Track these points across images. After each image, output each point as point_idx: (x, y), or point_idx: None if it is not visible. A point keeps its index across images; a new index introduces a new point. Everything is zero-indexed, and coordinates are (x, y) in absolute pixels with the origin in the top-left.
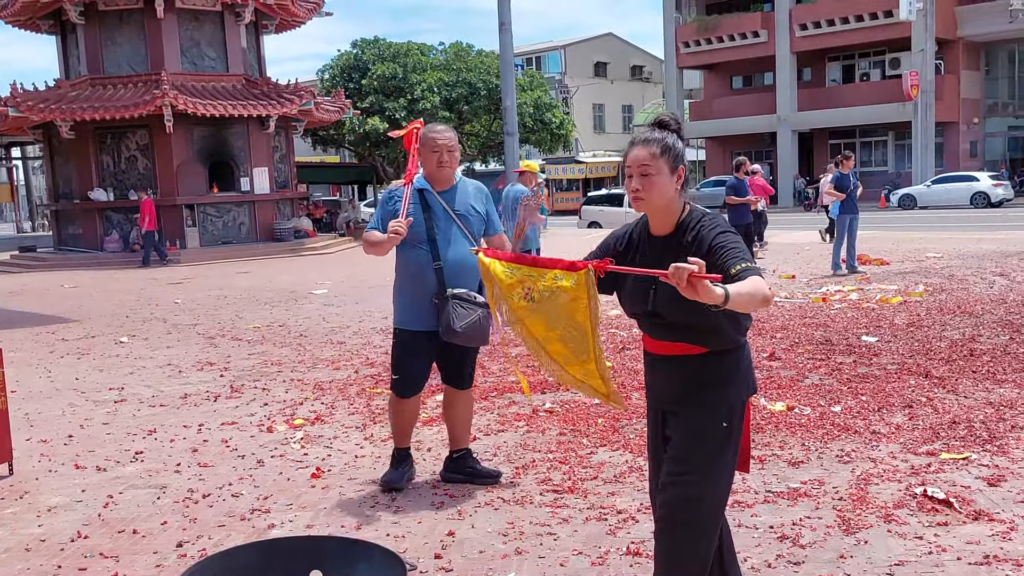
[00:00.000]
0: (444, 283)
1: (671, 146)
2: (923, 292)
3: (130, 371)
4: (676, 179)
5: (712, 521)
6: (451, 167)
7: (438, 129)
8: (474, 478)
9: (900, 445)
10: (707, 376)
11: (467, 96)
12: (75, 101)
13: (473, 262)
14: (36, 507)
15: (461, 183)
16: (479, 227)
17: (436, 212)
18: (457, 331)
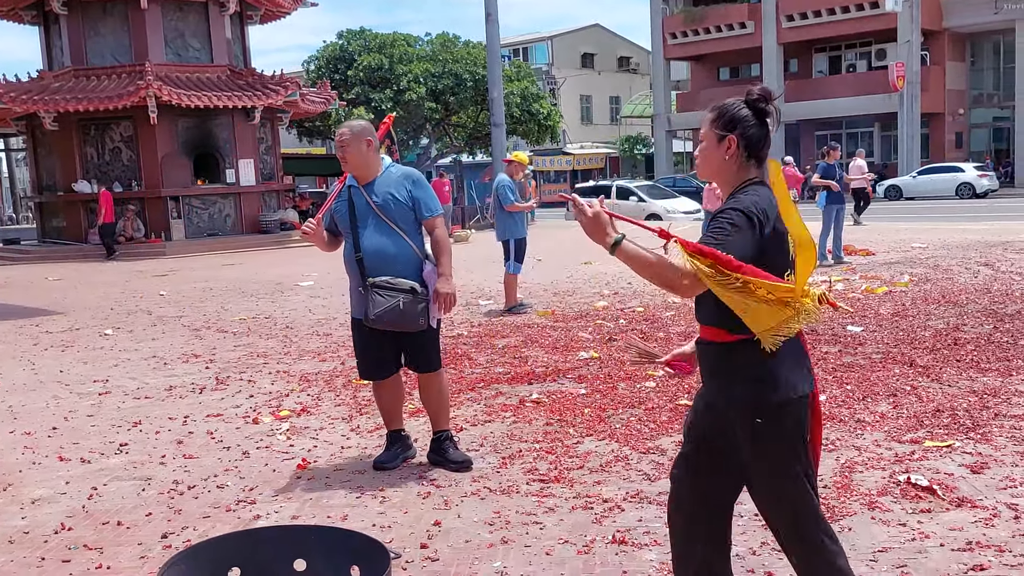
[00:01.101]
0: (364, 272)
1: (721, 115)
2: (908, 282)
3: (115, 363)
4: (725, 149)
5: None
6: (346, 160)
7: (341, 127)
8: (443, 464)
9: (884, 433)
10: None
11: (454, 87)
12: (58, 92)
13: (395, 251)
14: (19, 499)
15: (385, 173)
16: (402, 214)
17: (357, 205)
18: (372, 318)
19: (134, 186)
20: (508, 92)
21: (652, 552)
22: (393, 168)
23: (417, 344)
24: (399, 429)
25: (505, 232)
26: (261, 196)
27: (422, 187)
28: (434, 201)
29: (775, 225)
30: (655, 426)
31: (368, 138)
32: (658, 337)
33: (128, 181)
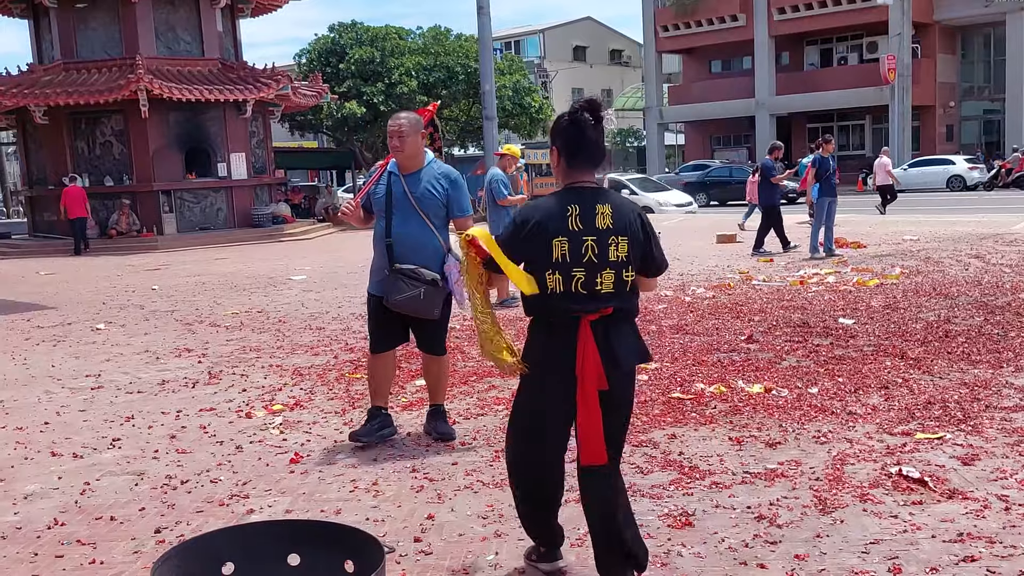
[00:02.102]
0: (392, 258)
1: (551, 127)
2: (899, 275)
3: (107, 358)
4: (554, 157)
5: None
6: (401, 150)
7: (394, 116)
8: (429, 431)
9: (876, 425)
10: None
11: (445, 80)
12: (48, 86)
13: (424, 241)
14: (12, 495)
15: (428, 167)
16: (435, 209)
17: (395, 192)
18: (392, 301)
19: (125, 180)
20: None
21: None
22: (435, 164)
23: (429, 330)
24: (382, 406)
25: (498, 226)
26: (253, 190)
27: (458, 188)
28: (467, 202)
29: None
30: (647, 419)
31: (422, 131)
32: (650, 330)
33: (119, 175)
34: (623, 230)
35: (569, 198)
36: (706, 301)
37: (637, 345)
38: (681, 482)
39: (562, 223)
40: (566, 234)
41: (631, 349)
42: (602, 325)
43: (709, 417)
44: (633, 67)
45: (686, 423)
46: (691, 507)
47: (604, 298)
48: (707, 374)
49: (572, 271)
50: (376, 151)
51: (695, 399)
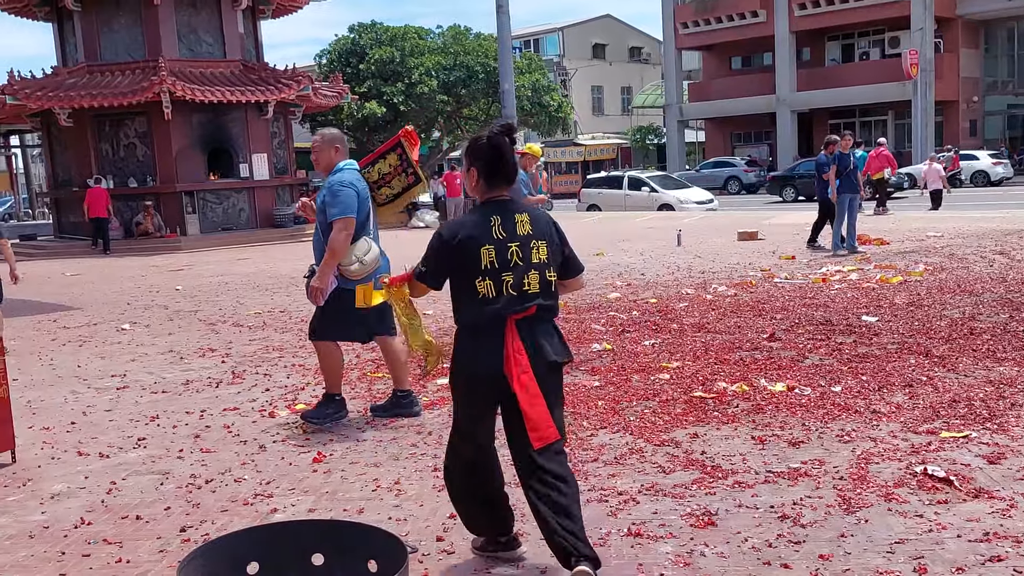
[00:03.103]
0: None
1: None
2: (923, 272)
3: (132, 358)
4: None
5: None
6: (316, 162)
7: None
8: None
9: (900, 424)
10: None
11: (465, 79)
12: (73, 88)
13: (317, 243)
14: (39, 494)
15: (330, 177)
16: (320, 214)
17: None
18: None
19: (149, 181)
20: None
21: (667, 544)
22: (337, 174)
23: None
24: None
25: None
26: (275, 190)
27: (332, 194)
28: (336, 208)
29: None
30: (669, 418)
31: (337, 145)
32: (671, 328)
33: (143, 176)
34: (541, 235)
35: (489, 211)
36: (727, 299)
37: (560, 341)
38: (703, 481)
39: (487, 233)
40: (492, 242)
41: (554, 343)
42: (527, 323)
43: (731, 416)
44: (653, 64)
45: (708, 422)
46: (714, 506)
47: (531, 297)
48: (729, 373)
49: (502, 275)
50: None
51: (717, 398)
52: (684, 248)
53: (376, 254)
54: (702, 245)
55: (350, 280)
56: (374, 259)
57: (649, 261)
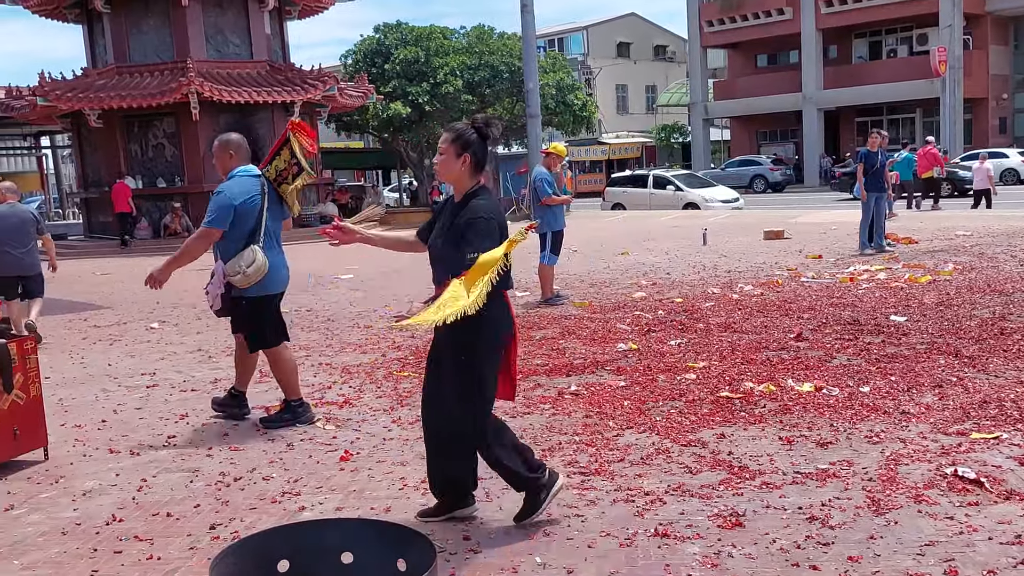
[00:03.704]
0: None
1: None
2: (952, 271)
3: (161, 357)
4: (462, 163)
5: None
6: (217, 169)
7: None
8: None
9: (930, 425)
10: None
11: (489, 79)
12: (102, 90)
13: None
14: (71, 491)
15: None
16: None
17: None
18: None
19: (177, 181)
20: (544, 83)
21: (695, 545)
22: (229, 180)
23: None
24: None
25: (543, 225)
26: (301, 190)
27: (212, 199)
28: (206, 216)
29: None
30: (696, 418)
31: (231, 151)
32: (697, 328)
33: (171, 176)
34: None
35: (494, 198)
36: (754, 298)
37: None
38: (731, 482)
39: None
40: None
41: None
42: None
43: (758, 416)
44: (678, 63)
45: (735, 422)
46: (741, 507)
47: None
48: (756, 373)
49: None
50: (421, 151)
51: (744, 398)
52: (710, 247)
53: (260, 264)
54: (728, 244)
55: (240, 289)
56: (258, 269)
57: (674, 260)
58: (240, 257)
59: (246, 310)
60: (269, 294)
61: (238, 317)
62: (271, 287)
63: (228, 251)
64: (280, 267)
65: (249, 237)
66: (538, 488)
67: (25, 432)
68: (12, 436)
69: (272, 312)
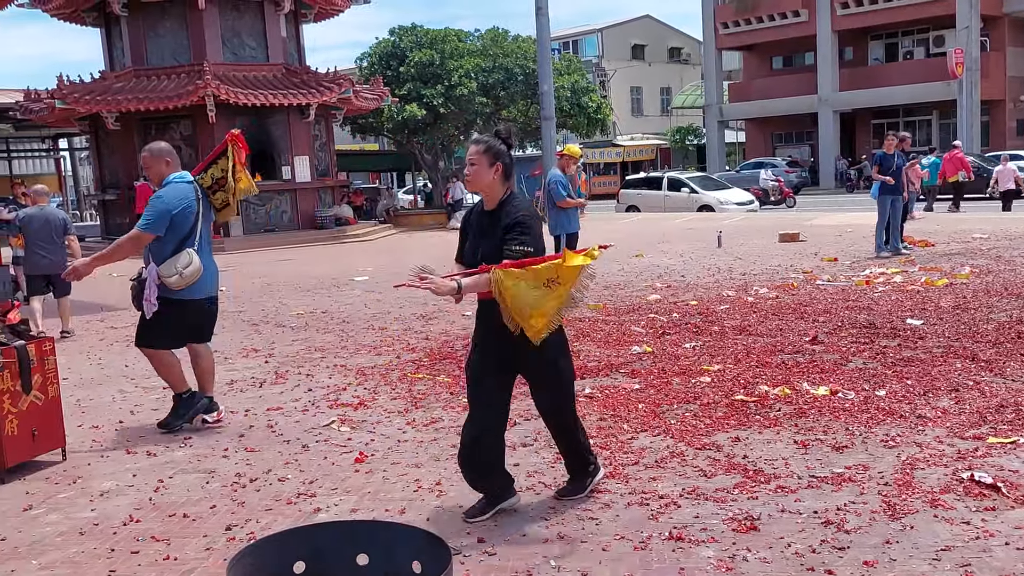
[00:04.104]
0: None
1: (489, 148)
2: (969, 274)
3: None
4: (494, 172)
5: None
6: (149, 177)
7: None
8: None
9: (946, 429)
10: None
11: (504, 81)
12: (120, 93)
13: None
14: (89, 492)
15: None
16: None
17: None
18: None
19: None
20: (558, 85)
21: (710, 549)
22: (162, 188)
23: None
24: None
25: (557, 227)
26: (316, 192)
27: (148, 206)
28: (143, 219)
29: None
30: (711, 422)
31: (167, 158)
32: (712, 331)
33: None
34: None
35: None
36: (769, 301)
37: None
38: (745, 486)
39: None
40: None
41: None
42: None
43: (773, 420)
44: (692, 65)
45: (750, 426)
46: (756, 511)
47: None
48: (771, 376)
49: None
50: (436, 153)
51: (759, 401)
52: (724, 249)
53: (196, 267)
54: (743, 247)
55: (171, 291)
56: (193, 272)
57: (689, 263)
58: (176, 259)
59: (164, 308)
60: (194, 298)
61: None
62: (198, 291)
63: (162, 254)
64: (211, 271)
65: (183, 241)
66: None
67: (43, 433)
68: (31, 437)
69: (186, 317)
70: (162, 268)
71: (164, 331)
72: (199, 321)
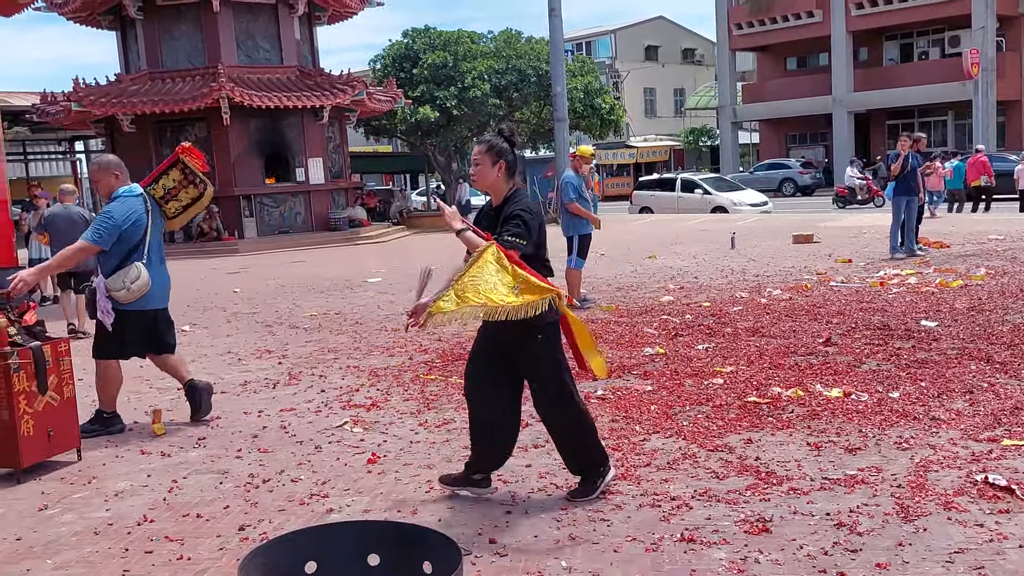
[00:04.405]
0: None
1: (492, 147)
2: (984, 275)
3: (192, 359)
4: (497, 170)
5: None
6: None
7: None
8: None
9: (960, 431)
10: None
11: (517, 83)
12: (135, 95)
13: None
14: (104, 492)
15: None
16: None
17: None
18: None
19: None
20: (571, 87)
21: (721, 551)
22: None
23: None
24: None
25: (569, 228)
26: (330, 194)
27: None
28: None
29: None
30: (723, 423)
31: (115, 171)
32: (725, 332)
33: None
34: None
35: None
36: (782, 303)
37: None
38: (758, 487)
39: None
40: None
41: None
42: None
43: (786, 422)
44: (706, 66)
45: (762, 427)
46: (768, 513)
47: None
48: (784, 378)
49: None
50: (449, 155)
51: (772, 403)
52: (738, 251)
53: (144, 280)
54: (756, 248)
55: (121, 303)
56: (141, 285)
57: (702, 264)
58: (124, 273)
59: (117, 318)
60: (145, 309)
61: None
62: (148, 303)
63: (109, 265)
64: (161, 283)
65: (130, 253)
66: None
67: (59, 433)
68: (46, 437)
69: (140, 326)
70: (110, 281)
71: (113, 341)
72: (150, 333)
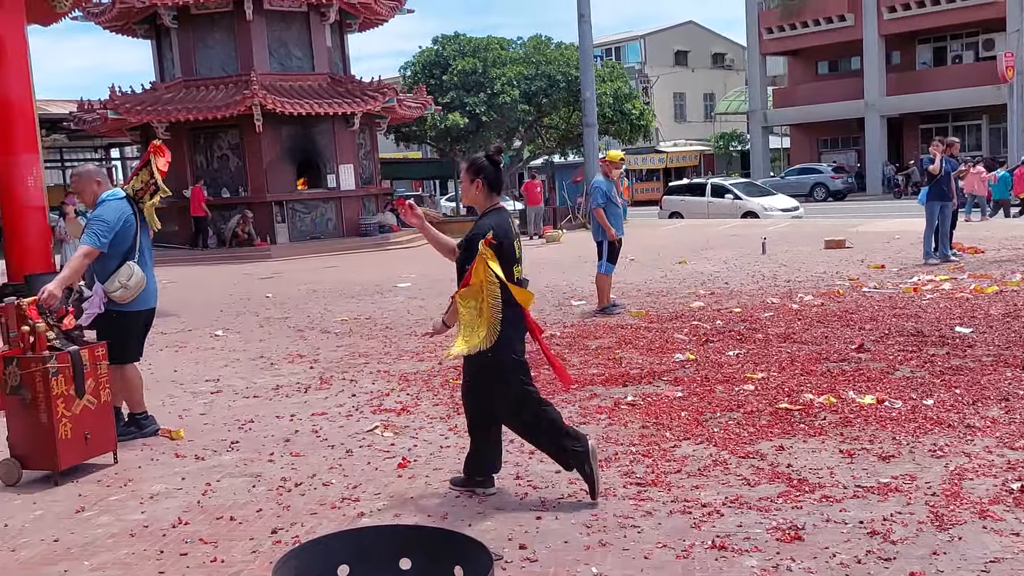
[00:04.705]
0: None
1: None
2: (1020, 281)
3: (225, 363)
4: (476, 187)
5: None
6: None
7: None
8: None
9: (996, 439)
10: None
11: (546, 89)
12: (170, 103)
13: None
14: (139, 494)
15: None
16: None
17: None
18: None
19: (240, 192)
20: (601, 92)
21: (753, 559)
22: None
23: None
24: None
25: (599, 232)
26: (361, 200)
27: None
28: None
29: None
30: (754, 430)
31: (98, 179)
32: (756, 338)
33: (235, 187)
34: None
35: (504, 215)
36: (814, 309)
37: None
38: (790, 495)
39: (512, 231)
40: (516, 239)
41: None
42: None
43: (818, 429)
44: (736, 70)
45: (794, 434)
46: (800, 521)
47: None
48: (816, 384)
49: (521, 262)
50: None
51: (803, 410)
52: (769, 256)
53: (140, 277)
54: (787, 253)
55: (117, 304)
56: (138, 281)
57: (733, 269)
58: (119, 274)
59: (117, 322)
60: (139, 309)
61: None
62: (142, 303)
63: (105, 269)
64: (152, 283)
65: (125, 255)
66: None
67: (96, 436)
68: (83, 440)
69: (139, 327)
70: (106, 284)
71: (125, 344)
72: (143, 333)
